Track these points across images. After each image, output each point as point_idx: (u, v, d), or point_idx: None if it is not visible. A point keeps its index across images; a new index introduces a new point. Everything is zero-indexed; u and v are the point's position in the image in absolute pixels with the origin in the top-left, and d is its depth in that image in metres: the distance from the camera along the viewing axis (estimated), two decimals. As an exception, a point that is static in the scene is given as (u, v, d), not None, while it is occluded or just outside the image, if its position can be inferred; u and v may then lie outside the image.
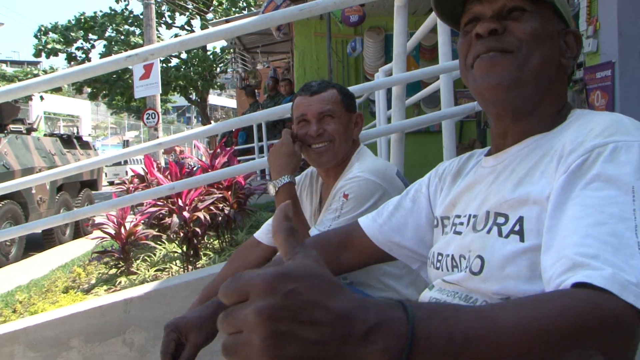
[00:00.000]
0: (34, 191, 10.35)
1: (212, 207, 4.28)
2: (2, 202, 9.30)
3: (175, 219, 3.98)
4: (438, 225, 1.26)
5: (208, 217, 4.16)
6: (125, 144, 50.27)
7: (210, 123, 26.98)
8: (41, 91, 2.95)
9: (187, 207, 4.05)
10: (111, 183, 28.96)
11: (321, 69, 11.38)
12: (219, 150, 5.10)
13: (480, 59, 1.13)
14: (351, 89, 2.32)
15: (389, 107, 4.70)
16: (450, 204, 1.24)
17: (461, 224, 1.15)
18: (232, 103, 63.97)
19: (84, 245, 10.02)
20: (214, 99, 46.56)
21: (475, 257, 1.04)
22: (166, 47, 2.36)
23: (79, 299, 4.26)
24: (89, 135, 31.98)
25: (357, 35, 10.30)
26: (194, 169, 6.27)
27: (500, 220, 1.03)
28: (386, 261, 1.42)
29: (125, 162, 33.65)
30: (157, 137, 15.13)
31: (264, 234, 2.14)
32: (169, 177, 4.45)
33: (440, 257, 1.19)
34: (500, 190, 1.07)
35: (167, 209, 4.20)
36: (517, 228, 0.99)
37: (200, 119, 51.00)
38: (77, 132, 15.43)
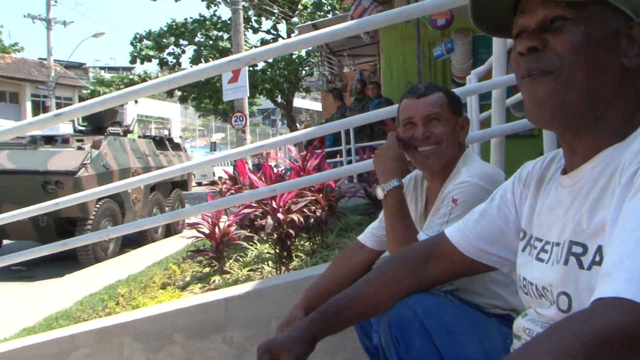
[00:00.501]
0: (129, 191, 10.78)
1: (304, 210, 4.35)
2: (102, 201, 9.76)
3: (269, 220, 4.07)
4: (524, 238, 1.22)
5: (302, 219, 4.22)
6: (213, 145, 51.56)
7: (296, 126, 27.34)
8: (148, 95, 3.09)
9: (281, 209, 4.13)
10: (199, 184, 29.83)
11: (408, 71, 11.32)
12: (309, 152, 5.17)
13: (524, 81, 1.07)
14: (455, 91, 2.30)
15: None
16: (533, 222, 1.20)
17: (543, 250, 1.11)
18: (317, 106, 64.55)
19: (175, 243, 10.37)
20: (298, 101, 47.05)
21: (560, 293, 1.00)
22: (267, 51, 2.40)
23: (176, 295, 4.42)
24: (180, 137, 32.98)
25: (444, 37, 10.19)
26: (282, 170, 6.37)
27: (578, 250, 0.97)
28: (479, 271, 1.40)
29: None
30: (245, 139, 15.47)
31: (368, 237, 2.15)
32: (262, 179, 4.54)
33: (525, 283, 1.16)
34: (576, 217, 1.00)
35: (261, 210, 4.29)
36: (597, 259, 0.93)
37: (285, 121, 51.64)
38: (169, 134, 15.94)
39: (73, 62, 37.60)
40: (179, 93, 27.82)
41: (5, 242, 10.87)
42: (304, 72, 26.91)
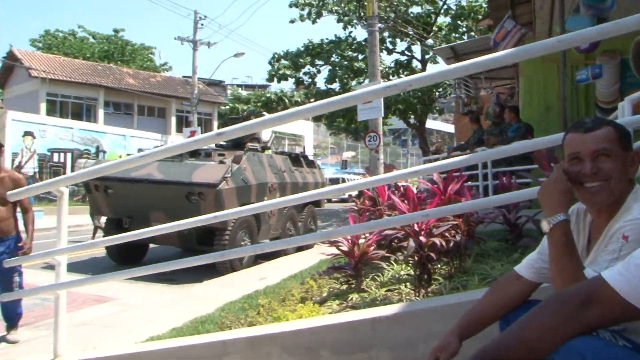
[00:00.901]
0: (266, 205, 11.17)
1: (446, 234, 4.34)
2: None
3: (411, 242, 4.09)
4: None
5: (444, 243, 4.22)
6: (344, 164, 52.35)
7: (428, 147, 27.13)
8: (304, 118, 3.20)
9: (423, 232, 4.15)
10: (329, 200, 30.30)
11: (548, 95, 10.98)
12: (450, 177, 5.15)
13: None
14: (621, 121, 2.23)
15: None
16: None
17: None
18: (448, 127, 63.82)
19: (307, 257, 10.60)
20: (430, 123, 46.75)
21: None
22: (423, 78, 2.44)
23: (316, 310, 4.52)
24: (315, 154, 33.74)
25: (588, 60, 9.78)
26: (420, 193, 6.36)
27: None
28: None
29: (343, 181, 35.02)
30: (378, 159, 15.58)
31: (525, 268, 2.13)
32: (405, 201, 4.59)
33: None
34: None
35: (403, 232, 4.33)
36: None
37: (415, 142, 51.33)
38: (303, 151, 16.37)
39: (213, 79, 39.61)
40: (313, 112, 28.51)
41: (151, 246, 11.66)
42: (437, 93, 26.72)
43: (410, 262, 4.67)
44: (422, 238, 4.13)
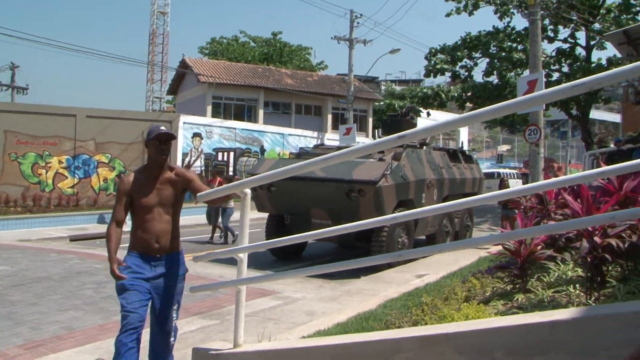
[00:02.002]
0: (424, 201, 11.16)
1: (622, 234, 4.10)
2: (399, 209, 10.24)
3: (584, 243, 3.91)
4: None
5: (620, 244, 3.99)
6: (499, 157, 50.80)
7: (591, 139, 25.60)
8: (485, 120, 3.16)
9: (597, 232, 3.96)
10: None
11: None
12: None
13: None
14: None
15: None
16: None
17: None
18: (612, 117, 59.80)
19: (463, 254, 10.46)
20: (592, 112, 44.09)
21: None
22: (617, 73, 2.31)
23: (481, 310, 4.47)
24: (472, 149, 33.03)
25: None
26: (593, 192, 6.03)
27: None
28: None
29: (499, 175, 34.02)
30: (539, 153, 14.97)
31: None
32: (577, 200, 4.39)
33: None
34: None
35: (576, 232, 4.16)
36: None
37: (575, 134, 48.68)
38: (462, 146, 16.12)
39: (368, 76, 39.99)
40: (470, 105, 27.92)
41: (310, 241, 12.04)
42: (604, 81, 25.09)
43: (581, 262, 4.47)
44: (596, 239, 3.94)
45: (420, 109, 28.12)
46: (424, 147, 12.49)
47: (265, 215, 12.18)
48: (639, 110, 12.27)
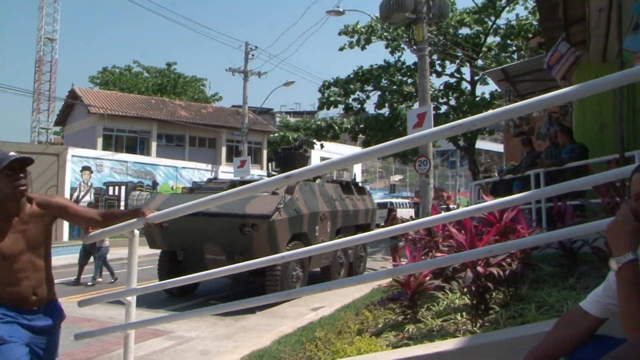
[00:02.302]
0: (317, 234, 11.22)
1: (502, 263, 4.27)
2: (291, 244, 10.24)
3: (469, 273, 4.04)
4: None
5: (501, 273, 4.16)
6: (392, 188, 52.17)
7: (477, 168, 26.80)
8: (392, 153, 3.22)
9: (480, 262, 4.10)
10: (378, 225, 30.13)
11: (603, 113, 10.74)
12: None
13: None
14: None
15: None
16: None
17: None
18: (496, 147, 63.01)
19: (357, 286, 10.55)
20: (478, 142, 46.28)
21: None
22: (491, 116, 2.44)
23: (373, 343, 4.49)
24: (364, 181, 33.72)
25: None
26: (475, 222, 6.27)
27: None
28: None
29: (391, 205, 34.81)
30: (429, 183, 15.47)
31: (591, 304, 2.10)
32: (462, 232, 4.54)
33: None
34: None
35: (460, 263, 4.29)
36: None
37: (463, 163, 50.84)
38: (354, 178, 16.40)
39: (263, 108, 40.16)
40: (362, 137, 28.59)
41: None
42: (487, 115, 26.45)
43: (467, 291, 4.61)
44: (479, 268, 4.08)
45: (314, 140, 28.47)
46: (317, 180, 12.59)
47: (158, 251, 11.84)
48: (518, 142, 12.95)
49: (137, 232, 3.99)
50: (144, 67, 50.69)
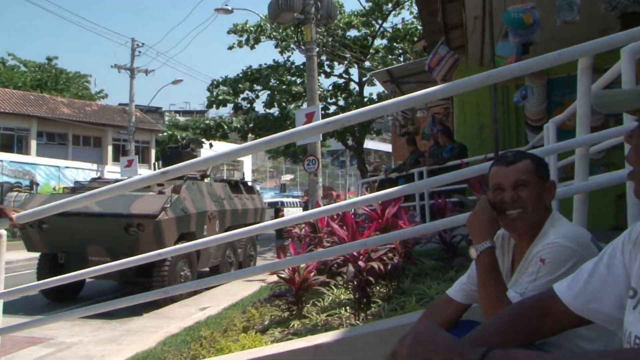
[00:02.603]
0: (205, 233, 11.10)
1: (384, 257, 4.42)
2: (180, 243, 10.06)
3: (350, 268, 4.15)
4: (634, 297, 1.24)
5: (382, 267, 4.29)
6: (282, 187, 52.42)
7: (366, 168, 27.43)
8: (251, 154, 3.20)
9: (362, 257, 4.22)
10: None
11: (481, 115, 11.29)
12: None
13: None
14: (536, 151, 2.38)
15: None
16: None
17: None
18: (386, 147, 64.66)
19: (248, 284, 10.57)
20: (368, 143, 47.32)
21: None
22: (360, 114, 2.53)
23: (258, 339, 4.51)
24: (254, 180, 33.64)
25: (518, 80, 10.13)
26: (356, 216, 6.44)
27: None
28: (583, 325, 1.44)
29: (282, 204, 34.99)
30: (317, 182, 15.67)
31: (457, 291, 2.23)
32: (343, 227, 4.65)
33: (638, 341, 1.17)
34: None
35: (342, 258, 4.39)
36: None
37: (353, 162, 51.87)
38: (243, 177, 16.34)
39: (151, 106, 39.17)
40: (252, 136, 28.54)
41: (87, 279, 11.31)
42: (375, 115, 27.12)
43: (350, 286, 4.73)
44: (360, 263, 4.19)
45: (203, 140, 28.09)
46: (205, 179, 12.46)
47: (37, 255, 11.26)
48: (405, 142, 13.38)
49: (3, 232, 3.76)
50: (20, 60, 47.44)
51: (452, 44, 10.11)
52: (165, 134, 38.48)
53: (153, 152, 39.61)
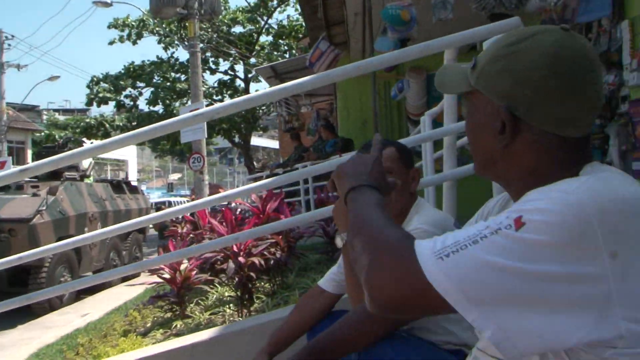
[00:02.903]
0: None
1: (265, 252, 4.40)
2: (57, 247, 9.60)
3: (231, 264, 4.10)
4: None
5: (262, 262, 4.27)
6: (170, 186, 51.30)
7: (253, 164, 27.34)
8: (114, 150, 3.06)
9: (242, 253, 4.17)
10: (154, 226, 29.43)
11: (364, 110, 11.51)
12: (269, 195, 5.22)
13: None
14: (404, 141, 2.43)
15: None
16: None
17: None
18: (274, 144, 64.72)
19: (134, 287, 10.25)
20: (256, 140, 47.21)
21: None
22: (230, 105, 2.50)
23: (138, 342, 4.38)
24: (138, 179, 32.69)
25: (398, 75, 10.40)
26: (241, 213, 6.39)
27: None
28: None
29: (170, 204, 34.20)
30: (203, 181, 15.44)
31: (328, 282, 2.24)
32: (223, 223, 4.58)
33: None
34: None
35: (222, 254, 4.33)
36: None
37: (241, 160, 51.66)
38: (126, 177, 15.84)
39: (26, 104, 37.08)
40: (135, 135, 27.66)
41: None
42: (261, 111, 27.07)
43: (232, 283, 4.68)
44: (241, 259, 4.15)
45: (84, 139, 26.95)
46: (86, 179, 11.97)
47: None
48: (289, 138, 13.44)
49: None
50: None
51: (335, 40, 10.24)
52: (42, 133, 36.57)
53: (29, 152, 37.50)
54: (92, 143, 27.51)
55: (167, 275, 4.92)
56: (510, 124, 1.11)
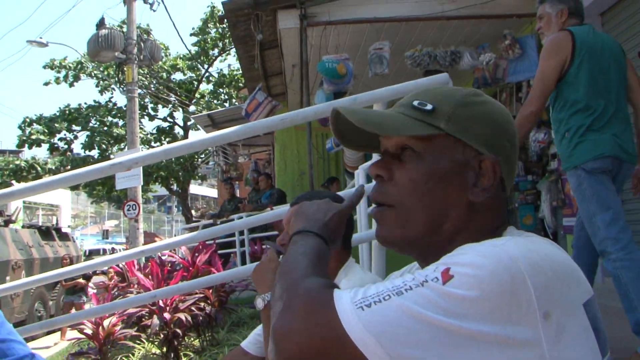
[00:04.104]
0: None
1: (192, 307, 4.23)
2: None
3: (155, 320, 3.92)
4: None
5: (189, 318, 4.10)
6: (105, 233, 49.85)
7: (191, 213, 26.93)
8: (34, 194, 2.94)
9: (168, 308, 4.00)
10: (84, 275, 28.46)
11: (302, 162, 11.54)
12: (200, 247, 5.08)
13: (373, 207, 1.11)
14: (341, 194, 2.38)
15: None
16: None
17: None
18: (213, 192, 64.20)
19: (56, 342, 9.80)
20: (195, 188, 46.69)
21: None
22: (150, 155, 2.42)
23: (53, 404, 4.12)
24: (69, 226, 31.67)
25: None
26: (172, 265, 6.21)
27: None
28: None
29: (104, 252, 33.28)
30: (138, 228, 15.05)
31: (251, 343, 2.14)
32: (149, 276, 4.40)
33: None
34: None
35: (147, 309, 4.15)
36: None
37: (180, 208, 51.01)
38: (57, 223, 15.33)
39: (-46, 145, 35.73)
40: (69, 179, 26.90)
41: None
42: (199, 160, 26.82)
43: (157, 340, 4.48)
44: (166, 315, 3.99)
45: (13, 182, 25.99)
46: (12, 224, 11.50)
47: None
48: (227, 186, 13.30)
49: None
50: None
51: (273, 91, 10.29)
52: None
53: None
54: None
55: (88, 331, 4.68)
56: (499, 175, 1.01)
